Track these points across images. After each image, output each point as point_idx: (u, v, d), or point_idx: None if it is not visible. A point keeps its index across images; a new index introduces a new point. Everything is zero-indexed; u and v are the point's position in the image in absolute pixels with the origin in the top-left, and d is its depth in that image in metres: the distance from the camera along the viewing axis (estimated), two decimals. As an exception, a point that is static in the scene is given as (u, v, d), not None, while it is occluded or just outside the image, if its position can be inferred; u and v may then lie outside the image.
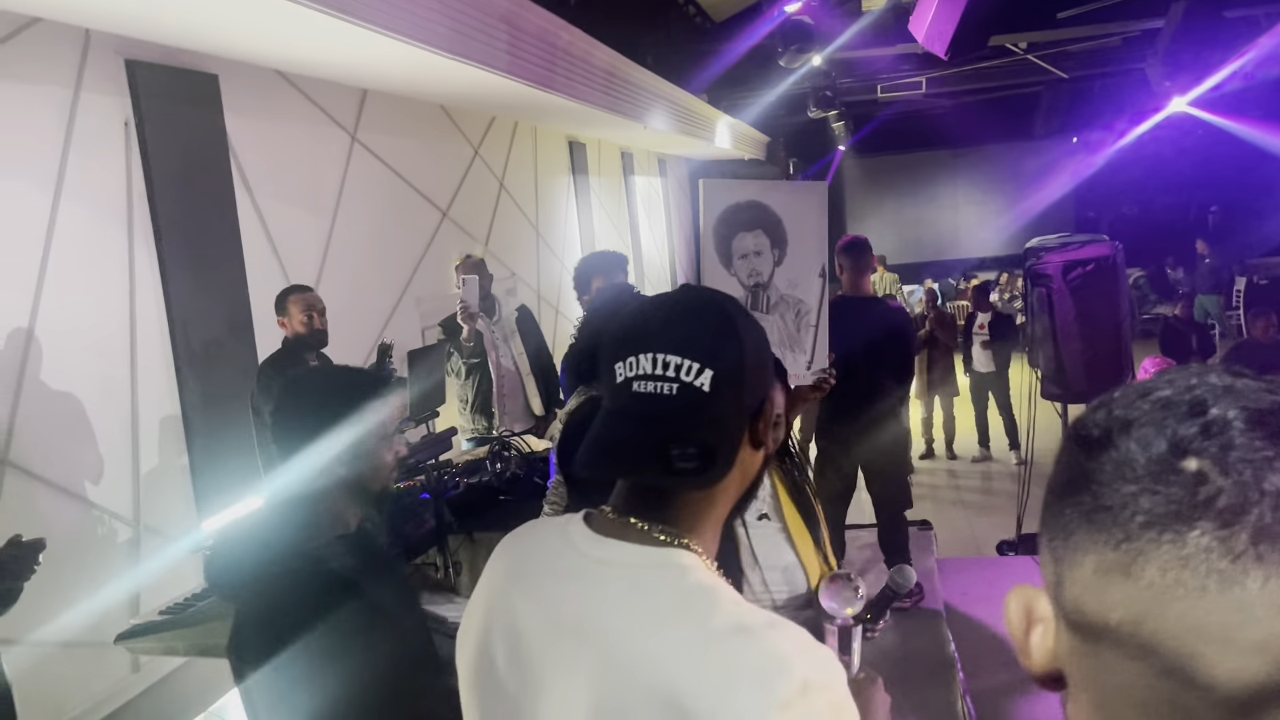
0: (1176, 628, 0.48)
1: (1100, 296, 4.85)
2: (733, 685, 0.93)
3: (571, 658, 1.01)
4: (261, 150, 4.83)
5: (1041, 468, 6.15)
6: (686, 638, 0.96)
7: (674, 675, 0.95)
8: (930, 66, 11.51)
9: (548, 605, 1.06)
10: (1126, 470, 0.50)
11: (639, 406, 1.03)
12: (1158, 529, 0.49)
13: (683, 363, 1.02)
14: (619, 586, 1.02)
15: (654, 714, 0.94)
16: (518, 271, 7.84)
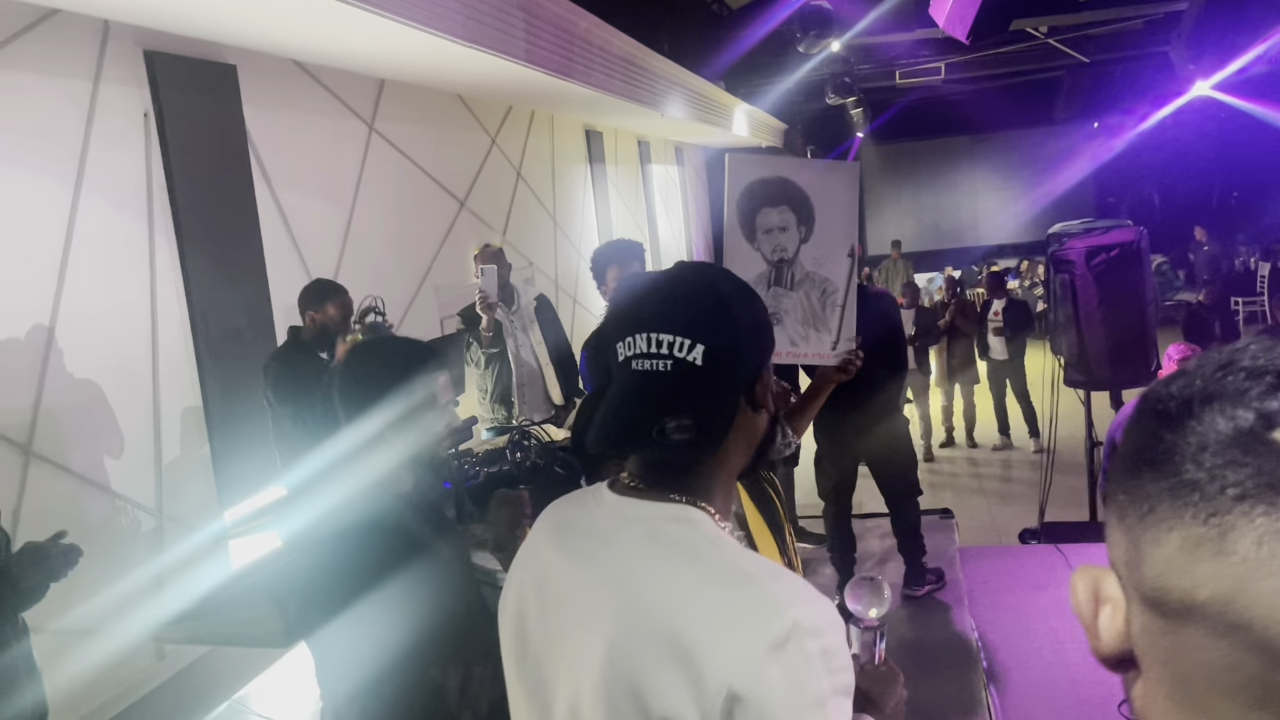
0: (1272, 603, 0.47)
1: (1124, 282, 4.79)
2: (729, 625, 1.00)
3: (592, 601, 1.09)
4: (280, 141, 4.83)
5: (1063, 456, 6.11)
6: (690, 580, 1.04)
7: (678, 615, 1.02)
8: (949, 52, 11.42)
9: (573, 556, 1.15)
10: (1212, 443, 0.49)
11: (637, 383, 1.10)
12: (1251, 501, 0.47)
13: (675, 339, 1.08)
14: (635, 537, 1.10)
15: (660, 651, 1.01)
16: (535, 261, 7.83)
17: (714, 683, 0.99)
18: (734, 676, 0.98)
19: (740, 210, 2.58)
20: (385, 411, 1.93)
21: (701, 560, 1.07)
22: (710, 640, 1.00)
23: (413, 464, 2.00)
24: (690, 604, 1.03)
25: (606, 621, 1.08)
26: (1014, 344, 8.65)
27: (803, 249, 2.58)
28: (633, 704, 1.03)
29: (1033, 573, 4.89)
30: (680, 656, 1.01)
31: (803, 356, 2.61)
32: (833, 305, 2.57)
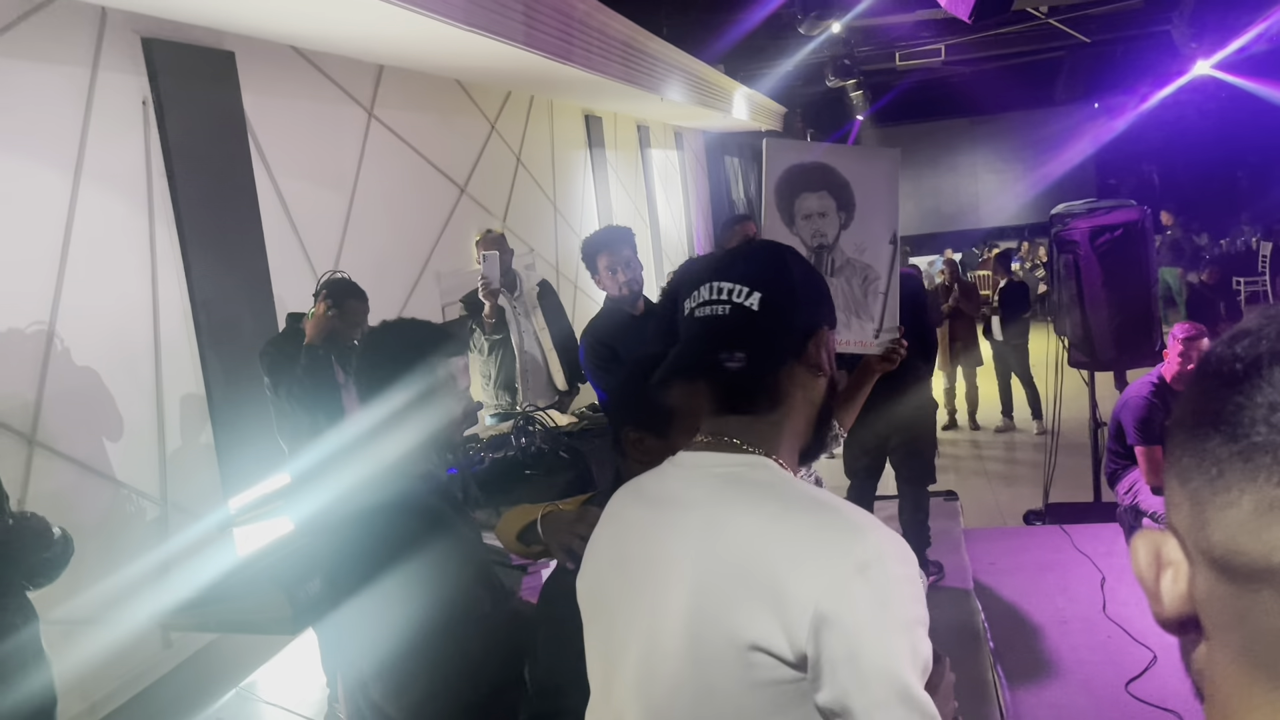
0: None
1: (1128, 262, 4.77)
2: (813, 549, 1.05)
3: (672, 547, 1.15)
4: (279, 128, 4.81)
5: (1067, 437, 6.10)
6: (771, 511, 1.11)
7: (761, 544, 1.08)
8: (949, 33, 11.36)
9: (651, 510, 1.22)
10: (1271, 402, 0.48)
11: (700, 327, 1.21)
12: None
13: (735, 287, 1.19)
14: (712, 481, 1.17)
15: (746, 580, 1.06)
16: (536, 248, 7.81)
17: (800, 604, 1.03)
18: (820, 597, 1.02)
19: (779, 195, 2.54)
20: (404, 392, 1.97)
21: (779, 494, 1.13)
22: (795, 564, 1.04)
23: (431, 445, 2.04)
24: (773, 533, 1.08)
25: (689, 561, 1.12)
26: (1011, 326, 8.64)
27: (843, 235, 2.53)
28: (721, 637, 1.07)
29: (1038, 553, 4.89)
30: (766, 583, 1.05)
31: (845, 345, 2.54)
32: (874, 292, 2.52)
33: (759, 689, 1.06)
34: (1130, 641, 3.84)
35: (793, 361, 1.20)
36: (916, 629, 1.07)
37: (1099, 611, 4.16)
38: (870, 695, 1.02)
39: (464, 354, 2.13)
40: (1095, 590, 4.37)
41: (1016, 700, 3.54)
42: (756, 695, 1.06)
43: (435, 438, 2.04)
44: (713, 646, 1.08)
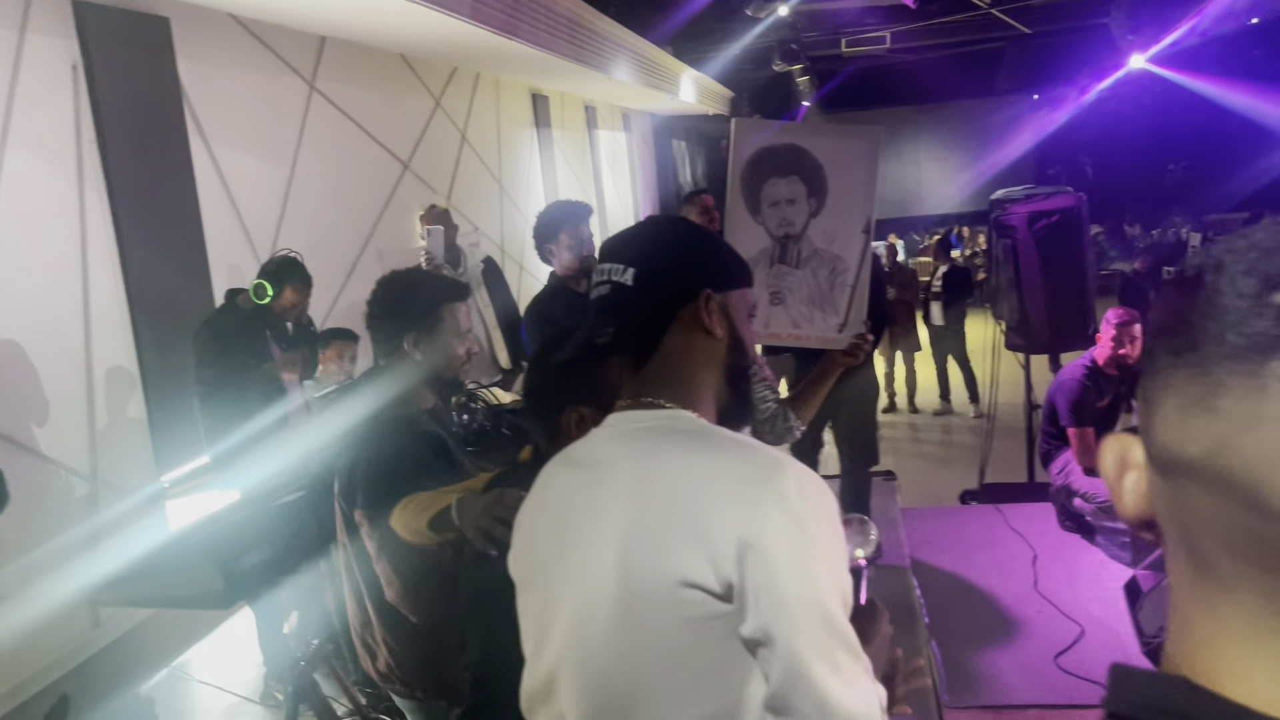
0: (1252, 457, 0.48)
1: (1065, 247, 4.87)
2: (735, 482, 1.09)
3: (602, 499, 1.18)
4: (216, 97, 4.70)
5: (1003, 420, 6.22)
6: (698, 452, 1.15)
7: (686, 483, 1.12)
8: (895, 20, 11.47)
9: (580, 471, 1.25)
10: (1215, 307, 0.50)
11: (593, 308, 1.30)
12: (1237, 360, 0.48)
13: (614, 266, 1.28)
14: (639, 433, 1.22)
15: (674, 520, 1.10)
16: (481, 226, 7.74)
17: (724, 535, 1.06)
18: (743, 527, 1.06)
19: (745, 181, 2.41)
20: (411, 332, 2.15)
21: (702, 439, 1.18)
22: (719, 498, 1.09)
23: (434, 383, 2.23)
24: (697, 472, 1.12)
25: (619, 511, 1.15)
26: (952, 311, 8.78)
27: (812, 223, 2.40)
28: (652, 577, 1.10)
29: (972, 532, 4.99)
30: (692, 519, 1.09)
31: (806, 339, 2.44)
32: (842, 285, 2.40)
33: (689, 625, 1.09)
34: (1059, 616, 3.93)
35: (678, 327, 1.26)
36: (837, 559, 1.10)
37: (1030, 588, 4.26)
38: (791, 620, 1.05)
39: (464, 298, 2.29)
40: (1027, 567, 4.47)
41: (951, 674, 3.61)
42: (687, 631, 1.09)
43: (439, 376, 2.21)
44: (643, 587, 1.10)
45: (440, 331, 2.18)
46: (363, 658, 2.30)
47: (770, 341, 2.51)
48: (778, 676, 1.06)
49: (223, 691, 3.71)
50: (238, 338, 3.83)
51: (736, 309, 1.30)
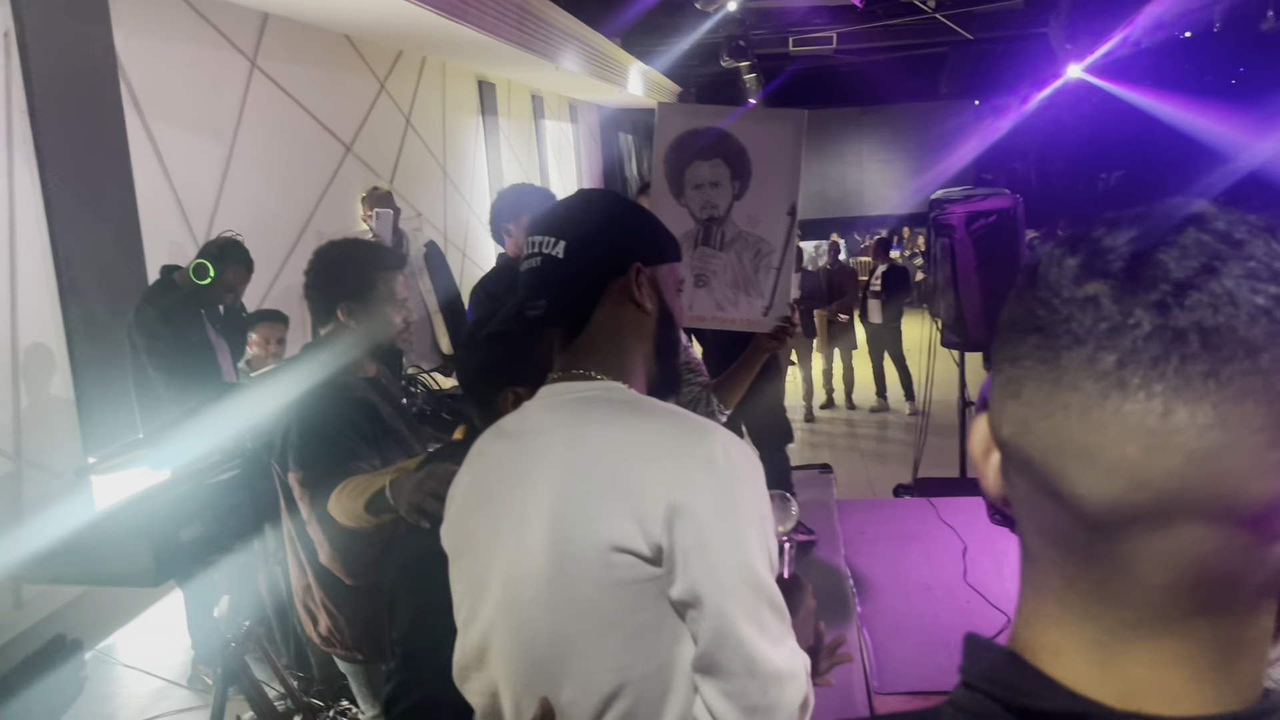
0: (1046, 444, 0.50)
1: (1001, 247, 4.97)
2: (663, 447, 1.12)
3: (533, 467, 1.20)
4: (154, 71, 4.59)
5: (937, 417, 6.34)
6: (628, 420, 1.18)
7: (615, 450, 1.14)
8: (842, 21, 11.60)
9: (512, 441, 1.26)
10: (1042, 295, 0.51)
11: (524, 280, 1.29)
12: (1041, 348, 0.50)
13: (545, 239, 1.27)
14: (571, 403, 1.23)
15: (603, 485, 1.12)
16: (424, 211, 7.66)
17: (653, 499, 1.08)
18: (671, 490, 1.08)
19: (668, 164, 2.40)
20: (348, 303, 2.17)
21: (632, 407, 1.21)
22: (648, 463, 1.11)
23: (373, 352, 2.24)
24: (627, 439, 1.15)
25: (550, 479, 1.17)
26: (890, 309, 8.93)
27: (735, 206, 2.40)
28: (583, 542, 1.11)
29: (905, 524, 5.07)
30: (622, 484, 1.11)
31: (731, 322, 2.44)
32: (767, 267, 2.40)
33: (619, 589, 1.10)
34: (987, 606, 4.03)
35: (608, 300, 1.27)
36: (763, 523, 1.12)
37: (960, 579, 4.36)
38: (719, 581, 1.07)
39: (400, 268, 2.30)
40: (957, 559, 4.57)
41: (881, 661, 3.68)
42: (617, 595, 1.11)
43: (377, 345, 2.22)
44: (574, 552, 1.12)
45: (376, 300, 2.20)
46: (305, 623, 2.30)
47: (695, 324, 2.51)
48: (706, 637, 1.08)
49: (149, 675, 3.64)
50: (178, 314, 3.77)
51: (665, 283, 1.32)
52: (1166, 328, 0.47)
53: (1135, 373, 0.47)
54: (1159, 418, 0.47)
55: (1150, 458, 0.47)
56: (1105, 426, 0.48)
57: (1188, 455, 0.47)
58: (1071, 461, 0.49)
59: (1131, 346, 0.47)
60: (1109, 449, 0.48)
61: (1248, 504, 0.47)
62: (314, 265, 2.26)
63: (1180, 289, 0.47)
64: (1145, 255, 0.49)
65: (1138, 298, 0.48)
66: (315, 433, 2.06)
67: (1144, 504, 0.48)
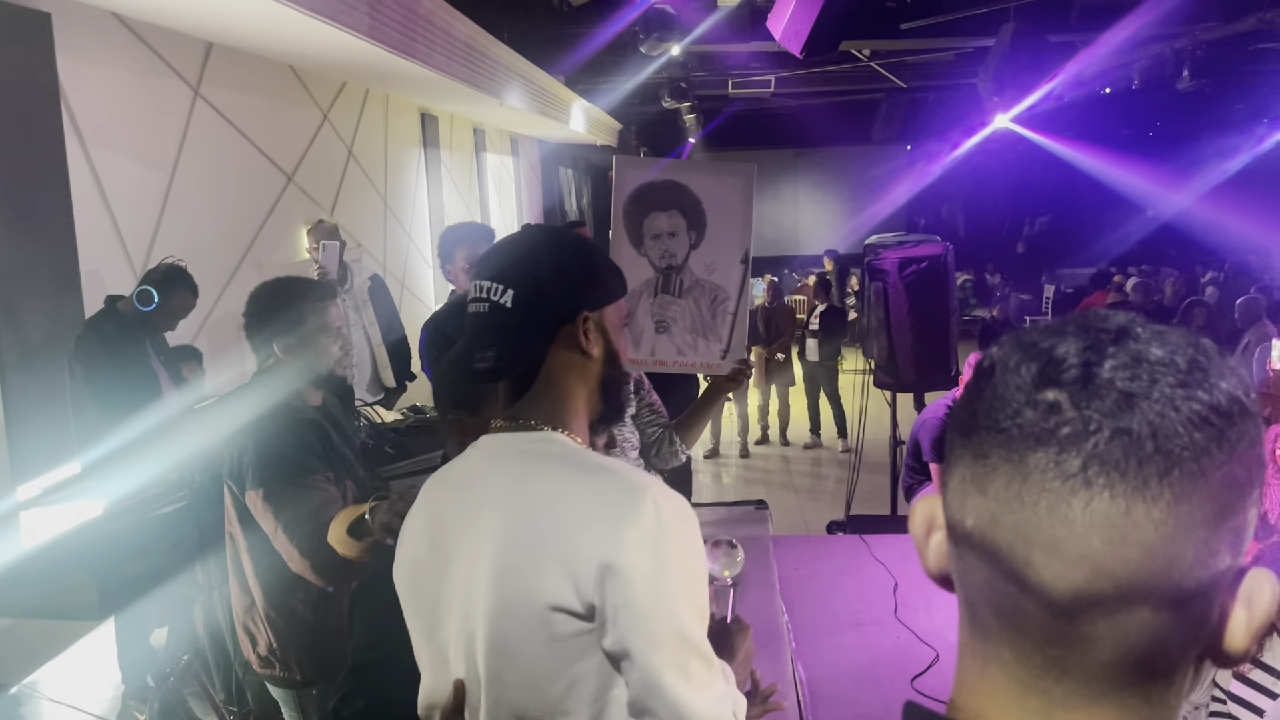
0: (1013, 536, 0.55)
1: (931, 293, 5.16)
2: (596, 507, 1.16)
3: (477, 521, 1.23)
4: (96, 97, 4.55)
5: (869, 455, 6.49)
6: (558, 477, 1.21)
7: (551, 508, 1.18)
8: (780, 67, 11.87)
9: (458, 492, 1.30)
10: (999, 397, 0.56)
11: (470, 324, 1.31)
12: (1008, 448, 0.55)
13: (493, 285, 1.28)
14: (508, 458, 1.27)
15: (539, 544, 1.16)
16: (364, 243, 7.64)
17: (586, 558, 1.12)
18: (603, 549, 1.12)
19: (627, 216, 2.50)
20: (283, 337, 2.24)
21: (569, 463, 1.24)
22: (583, 522, 1.14)
23: (316, 383, 2.31)
24: (563, 496, 1.19)
25: (493, 533, 1.20)
26: (827, 348, 9.12)
27: (693, 255, 2.50)
28: (523, 599, 1.16)
29: (838, 560, 5.18)
30: (558, 543, 1.14)
31: (691, 365, 2.54)
32: (724, 313, 2.51)
33: (558, 643, 1.16)
34: (917, 642, 4.14)
35: (555, 348, 1.29)
36: (693, 576, 1.17)
37: (891, 614, 4.47)
38: (646, 634, 1.12)
39: (333, 298, 2.38)
40: (888, 595, 4.68)
41: (814, 695, 3.76)
42: (556, 648, 1.16)
43: (318, 374, 2.29)
44: (515, 609, 1.17)
45: (309, 332, 2.29)
46: (245, 645, 2.32)
47: (656, 369, 2.61)
48: (636, 686, 1.14)
49: (78, 711, 3.55)
50: (120, 344, 3.73)
51: (611, 323, 1.35)
52: (1124, 433, 0.52)
53: (1099, 474, 0.52)
54: (1121, 514, 0.52)
55: (1112, 550, 0.52)
56: (1072, 521, 0.53)
57: (1145, 548, 0.52)
58: (1039, 553, 0.54)
59: (1093, 450, 0.53)
60: (1075, 542, 0.53)
61: (1187, 588, 0.53)
62: (248, 308, 2.34)
63: (1129, 398, 0.53)
64: (1094, 365, 0.54)
65: (1094, 404, 0.53)
66: (272, 449, 2.13)
67: (1104, 591, 0.53)
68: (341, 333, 2.38)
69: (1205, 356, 0.55)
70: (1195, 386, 0.53)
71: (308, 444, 2.18)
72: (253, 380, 2.38)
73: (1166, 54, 9.83)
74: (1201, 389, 0.53)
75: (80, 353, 3.68)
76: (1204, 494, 0.53)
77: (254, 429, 2.19)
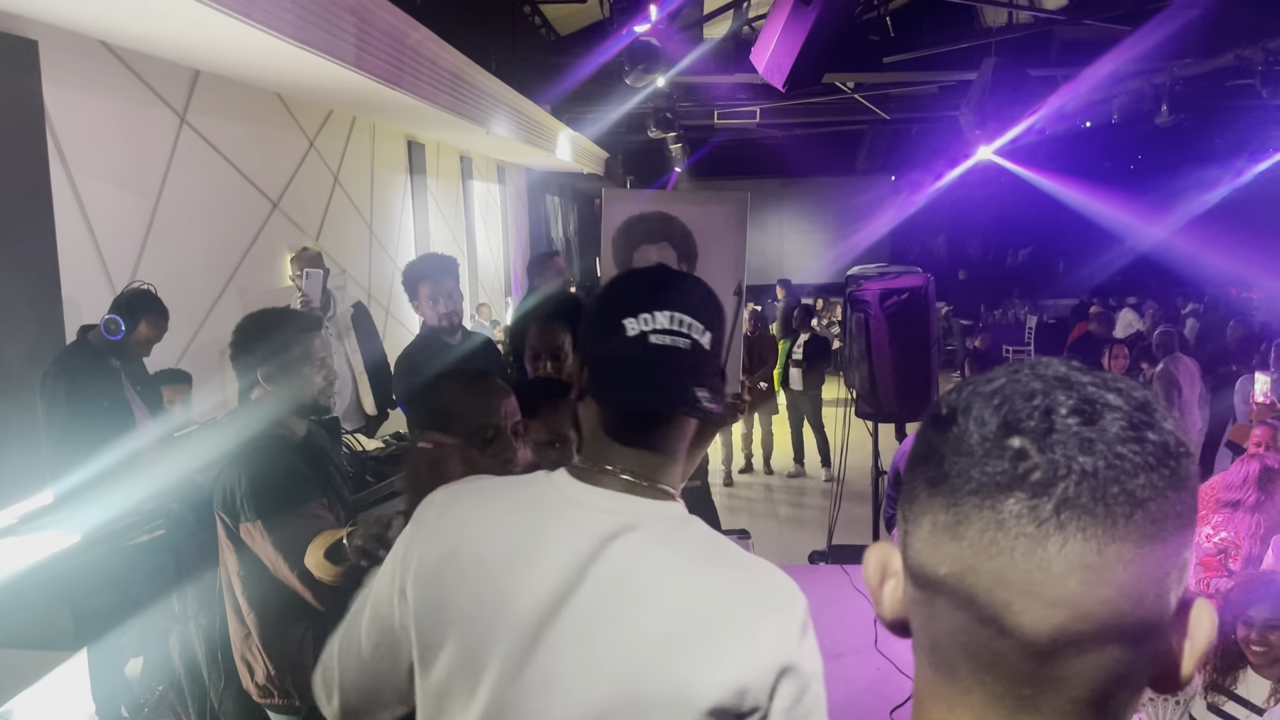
0: (991, 582, 0.56)
1: (912, 324, 5.19)
2: (762, 607, 1.12)
3: (603, 604, 1.13)
4: (81, 124, 4.56)
5: (852, 485, 6.51)
6: (715, 567, 1.16)
7: (708, 603, 1.11)
8: (765, 98, 12.00)
9: (534, 529, 1.19)
10: (963, 445, 0.58)
11: (659, 355, 1.19)
12: (980, 496, 0.56)
13: (693, 322, 1.21)
14: (645, 537, 1.17)
15: (689, 636, 1.10)
16: (349, 269, 7.65)
17: (764, 659, 1.10)
18: (782, 652, 1.11)
19: (616, 248, 2.45)
20: (266, 366, 2.27)
21: (710, 546, 1.19)
22: (754, 624, 1.11)
23: (300, 412, 2.32)
24: (726, 597, 1.13)
25: (628, 628, 1.12)
26: (810, 376, 9.15)
27: None
28: (667, 691, 1.10)
29: (819, 591, 5.17)
30: (725, 643, 1.10)
31: None
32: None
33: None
34: (896, 673, 4.13)
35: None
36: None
37: (871, 645, 4.46)
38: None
39: (318, 329, 2.40)
40: (869, 626, 4.67)
41: (794, 727, 3.75)
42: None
43: (302, 405, 2.30)
44: (649, 694, 1.10)
45: (292, 362, 2.30)
46: (242, 675, 2.31)
47: None
48: None
49: (49, 743, 3.51)
50: (88, 376, 3.70)
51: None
52: (1090, 476, 0.54)
53: (1072, 517, 0.54)
54: (1095, 555, 0.54)
55: (1089, 590, 0.54)
56: (1049, 565, 0.54)
57: (1118, 587, 0.54)
58: (1018, 597, 0.55)
59: (1064, 494, 0.54)
60: (1052, 585, 0.54)
61: (1152, 624, 0.55)
62: (233, 337, 2.37)
63: (1088, 443, 0.55)
64: (1052, 413, 0.56)
65: (1058, 450, 0.55)
66: (266, 479, 2.13)
67: (1082, 631, 0.55)
68: (326, 363, 2.39)
69: (1147, 400, 0.58)
70: (1144, 428, 0.56)
71: (300, 471, 2.18)
72: (236, 410, 2.39)
73: (1146, 89, 9.98)
74: (1150, 430, 0.56)
75: (44, 389, 3.65)
76: (1164, 531, 0.55)
77: (244, 460, 2.19)
